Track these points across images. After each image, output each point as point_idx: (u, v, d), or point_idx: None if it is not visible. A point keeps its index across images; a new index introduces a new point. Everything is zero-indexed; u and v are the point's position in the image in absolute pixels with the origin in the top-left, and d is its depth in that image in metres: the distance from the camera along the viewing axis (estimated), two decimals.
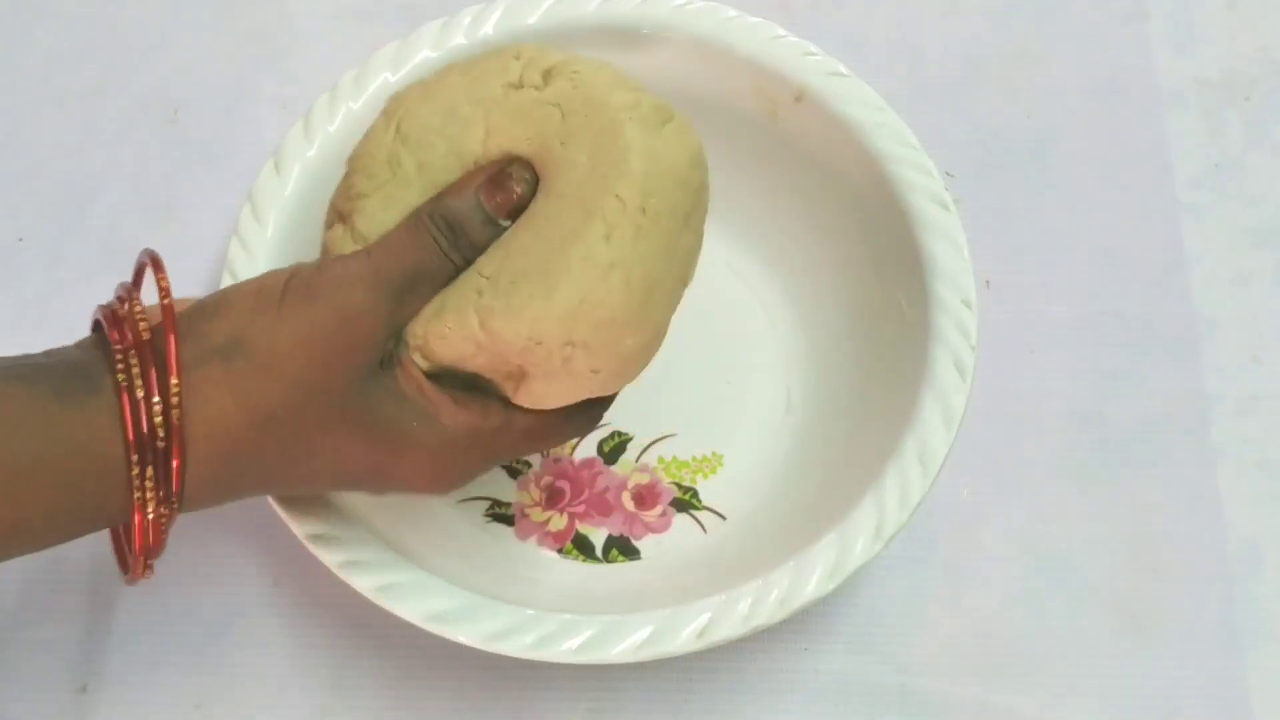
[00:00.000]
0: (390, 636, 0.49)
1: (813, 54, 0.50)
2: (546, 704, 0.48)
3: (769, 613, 0.41)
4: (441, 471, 0.40)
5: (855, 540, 0.42)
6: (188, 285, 0.56)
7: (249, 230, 0.48)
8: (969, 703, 0.48)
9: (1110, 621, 0.49)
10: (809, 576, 0.42)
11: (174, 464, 0.36)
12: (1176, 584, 0.50)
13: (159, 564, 0.39)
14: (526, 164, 0.40)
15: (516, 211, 0.40)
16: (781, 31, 0.51)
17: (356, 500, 0.44)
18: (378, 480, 0.40)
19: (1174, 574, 0.50)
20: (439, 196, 0.40)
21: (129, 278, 0.56)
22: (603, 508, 0.51)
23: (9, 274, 0.57)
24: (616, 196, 0.39)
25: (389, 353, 0.39)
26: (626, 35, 0.51)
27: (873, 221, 0.49)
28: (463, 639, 0.41)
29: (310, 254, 0.49)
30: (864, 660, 0.49)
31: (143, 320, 0.37)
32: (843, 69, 0.50)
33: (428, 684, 0.48)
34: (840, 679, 0.48)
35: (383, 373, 0.39)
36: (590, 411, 0.43)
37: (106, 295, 0.56)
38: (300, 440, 0.38)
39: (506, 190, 0.40)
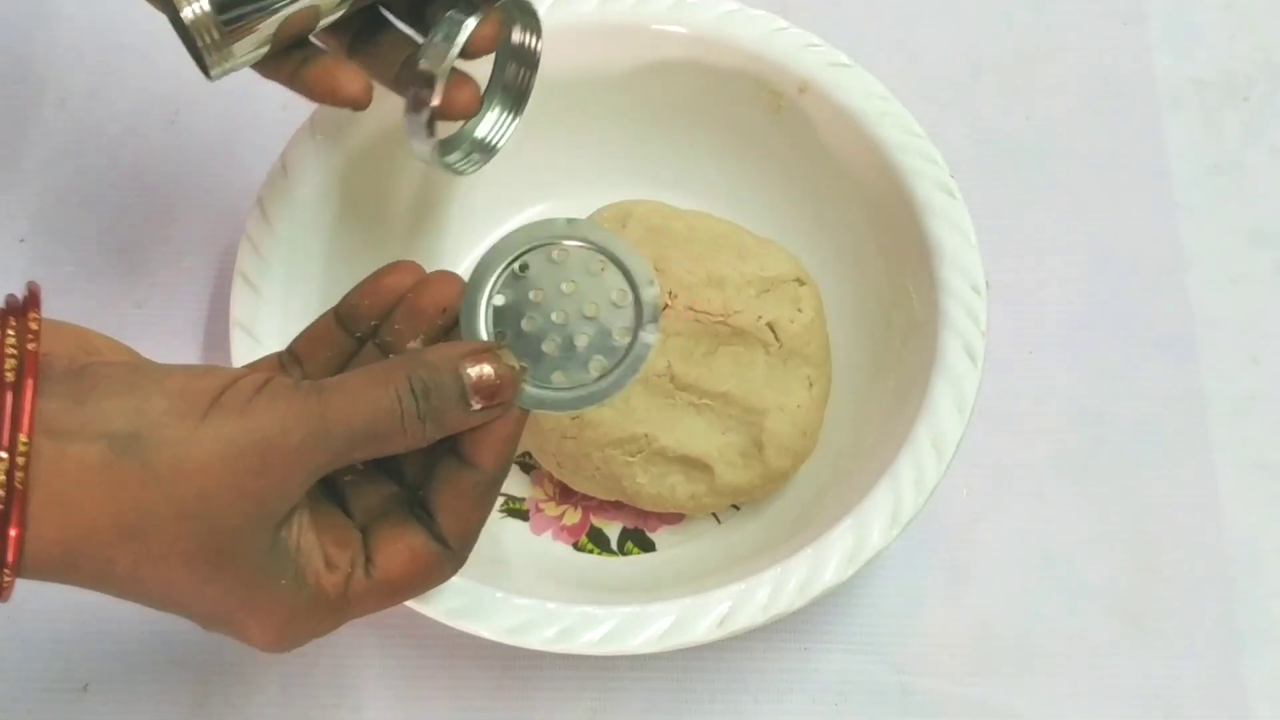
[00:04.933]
0: (391, 636, 0.49)
1: (815, 45, 0.50)
2: (547, 703, 0.48)
3: (788, 600, 0.41)
4: (287, 633, 0.35)
5: (872, 526, 0.42)
6: (189, 285, 0.56)
7: (258, 233, 0.48)
8: (969, 703, 0.48)
9: (1109, 621, 0.49)
10: (827, 563, 0.42)
11: (11, 533, 0.31)
12: (1175, 584, 0.50)
13: None
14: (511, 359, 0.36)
15: (492, 396, 0.35)
16: (783, 23, 0.51)
17: None
18: (215, 623, 0.35)
19: (1173, 574, 0.50)
20: (421, 356, 0.35)
21: (130, 278, 0.57)
22: (617, 501, 0.50)
23: (10, 274, 0.56)
24: None
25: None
26: (628, 30, 0.51)
27: (880, 210, 0.49)
28: (485, 633, 0.41)
29: (318, 255, 0.49)
30: (864, 660, 0.49)
31: (12, 357, 0.31)
32: (845, 59, 0.50)
33: (428, 684, 0.48)
34: (840, 679, 0.48)
35: (280, 524, 0.34)
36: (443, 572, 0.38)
37: (108, 296, 0.56)
38: (157, 566, 0.32)
39: (489, 380, 0.35)
